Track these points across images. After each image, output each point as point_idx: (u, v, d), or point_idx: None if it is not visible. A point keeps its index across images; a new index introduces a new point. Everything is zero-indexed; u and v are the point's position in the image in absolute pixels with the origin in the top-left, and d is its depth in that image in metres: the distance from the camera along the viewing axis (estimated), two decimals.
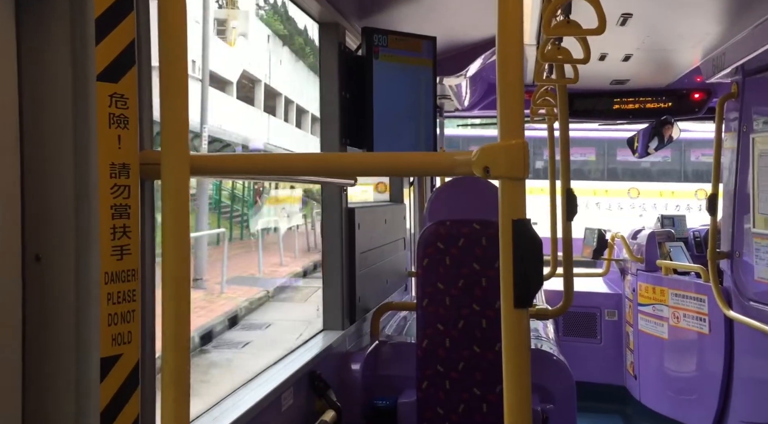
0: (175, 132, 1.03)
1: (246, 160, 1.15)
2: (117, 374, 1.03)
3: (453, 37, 3.39)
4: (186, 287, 1.03)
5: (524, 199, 1.01)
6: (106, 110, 1.02)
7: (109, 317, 1.02)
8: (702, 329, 4.11)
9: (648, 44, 3.36)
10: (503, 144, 0.98)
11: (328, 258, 2.63)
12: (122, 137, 1.04)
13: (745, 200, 3.64)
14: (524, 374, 1.01)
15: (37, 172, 1.02)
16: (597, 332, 5.23)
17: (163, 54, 1.03)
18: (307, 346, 2.41)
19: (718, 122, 3.83)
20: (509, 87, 0.98)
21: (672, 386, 4.47)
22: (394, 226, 3.62)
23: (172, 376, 1.02)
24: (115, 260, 1.03)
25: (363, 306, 2.87)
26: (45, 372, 1.02)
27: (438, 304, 2.48)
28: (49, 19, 1.02)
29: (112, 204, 1.03)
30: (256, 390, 1.87)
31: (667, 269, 4.52)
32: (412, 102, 2.92)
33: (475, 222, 2.48)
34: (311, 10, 2.52)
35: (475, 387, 2.44)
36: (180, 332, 1.02)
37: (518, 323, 1.01)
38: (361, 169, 1.11)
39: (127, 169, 1.05)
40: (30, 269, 1.01)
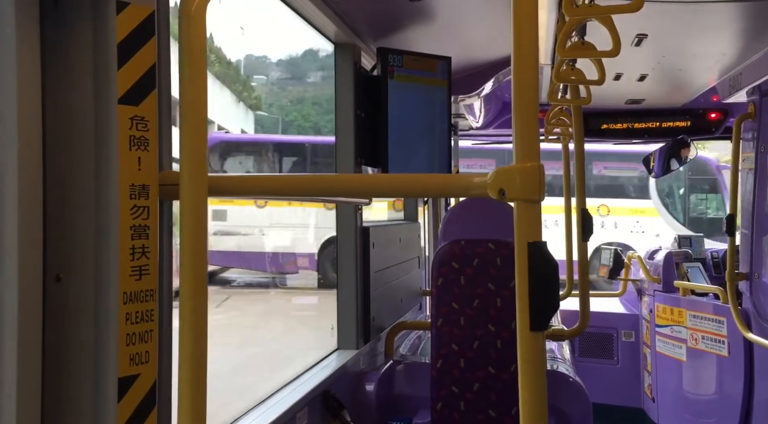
0: (194, 153, 1.05)
1: (264, 181, 1.17)
2: (134, 393, 1.04)
3: (468, 57, 3.42)
4: (204, 307, 1.04)
5: (540, 222, 1.01)
6: (127, 133, 1.04)
7: (127, 337, 1.03)
8: (721, 352, 4.05)
9: (663, 64, 3.36)
10: (519, 166, 0.99)
11: (343, 277, 2.63)
12: (142, 159, 1.06)
13: (763, 220, 3.61)
14: (541, 398, 1.00)
15: (59, 193, 1.04)
16: (614, 353, 5.17)
17: (183, 77, 1.04)
18: (321, 365, 2.41)
19: (735, 142, 3.80)
20: (524, 110, 0.99)
21: (691, 409, 4.39)
22: (408, 245, 3.62)
23: (188, 396, 1.03)
24: (134, 280, 1.04)
25: (377, 325, 2.86)
26: (64, 391, 1.03)
27: (453, 324, 2.47)
28: (73, 44, 1.05)
29: (132, 225, 1.04)
30: (270, 411, 1.87)
31: (684, 290, 4.47)
32: (426, 121, 2.93)
33: (489, 242, 2.48)
34: (327, 31, 2.55)
35: (490, 409, 2.42)
36: (197, 352, 1.03)
37: (534, 346, 1.00)
38: (377, 190, 1.12)
39: (146, 191, 1.07)
40: (51, 289, 1.03)
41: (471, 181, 1.09)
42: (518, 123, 0.99)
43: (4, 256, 0.97)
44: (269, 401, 1.97)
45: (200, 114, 1.05)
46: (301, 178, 1.15)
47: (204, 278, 1.05)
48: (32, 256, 0.99)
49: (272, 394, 2.05)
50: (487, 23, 3.05)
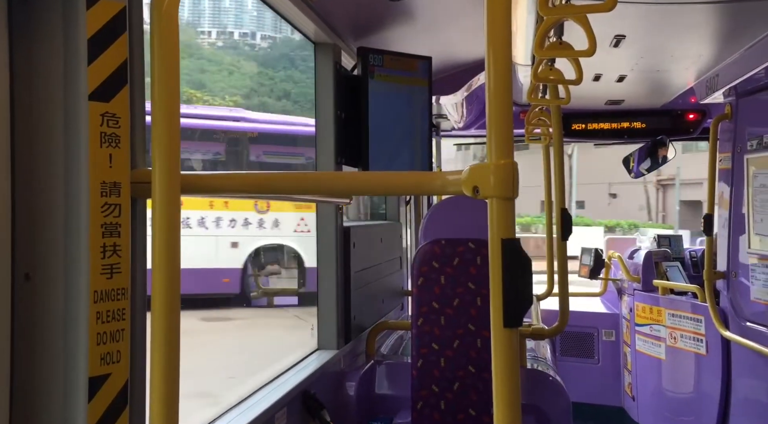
0: (166, 151, 1.04)
1: (238, 179, 1.16)
2: (105, 393, 1.02)
3: (448, 57, 3.42)
4: (176, 307, 1.03)
5: (513, 219, 1.01)
6: (98, 129, 1.03)
7: (98, 336, 1.02)
8: (699, 350, 4.10)
9: (642, 65, 3.39)
10: (493, 164, 0.99)
11: (323, 277, 2.62)
12: (114, 156, 1.05)
13: (740, 220, 3.65)
14: (514, 395, 1.00)
15: (28, 191, 1.03)
16: (594, 352, 5.21)
17: (155, 73, 1.03)
18: (301, 365, 2.40)
19: (713, 143, 3.85)
20: (498, 107, 0.99)
21: (670, 408, 4.44)
22: (390, 244, 3.62)
23: (161, 395, 1.02)
24: (105, 278, 1.03)
25: (358, 325, 2.86)
26: (33, 391, 1.01)
27: (433, 324, 2.47)
28: (42, 38, 1.03)
29: (103, 223, 1.03)
30: (248, 411, 1.86)
31: (663, 289, 4.51)
32: (407, 121, 2.93)
33: (470, 241, 2.48)
34: (307, 30, 2.54)
35: (470, 408, 2.42)
36: (169, 352, 1.02)
37: (507, 343, 1.00)
38: (354, 188, 1.11)
39: (118, 188, 1.05)
40: (19, 288, 1.01)
41: (446, 179, 1.09)
42: (492, 120, 0.99)
43: None
44: (247, 402, 1.95)
45: (173, 111, 1.04)
46: (277, 176, 1.15)
47: (177, 277, 1.04)
48: (0, 254, 0.98)
49: (251, 394, 2.03)
50: (468, 23, 3.06)
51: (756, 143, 3.52)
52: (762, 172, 3.45)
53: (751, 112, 3.60)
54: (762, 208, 3.43)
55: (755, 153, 3.53)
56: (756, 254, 3.50)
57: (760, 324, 3.48)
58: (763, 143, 3.44)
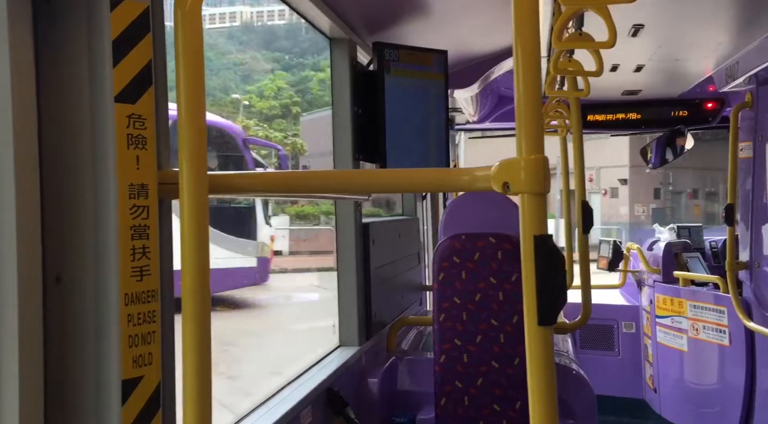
0: (193, 151, 1.03)
1: (264, 179, 1.15)
2: (138, 396, 1.02)
3: (463, 50, 3.40)
4: (206, 307, 1.03)
5: (545, 215, 1.00)
6: (125, 131, 1.02)
7: (129, 339, 1.02)
8: (722, 341, 4.05)
9: (660, 55, 3.34)
10: (523, 159, 0.97)
11: (343, 274, 2.62)
12: (140, 158, 1.04)
13: (762, 210, 3.60)
14: (550, 392, 0.99)
15: (57, 194, 1.03)
16: (614, 344, 5.17)
17: (180, 73, 1.03)
18: (324, 362, 2.40)
19: (733, 132, 3.80)
20: (528, 102, 0.97)
21: (693, 399, 4.40)
22: (407, 240, 3.61)
23: (193, 397, 1.01)
24: (135, 281, 1.03)
25: (379, 321, 2.85)
26: (66, 395, 1.01)
27: (455, 319, 2.46)
28: (67, 41, 1.03)
29: (132, 225, 1.03)
30: (274, 409, 1.86)
31: (684, 280, 4.47)
32: (424, 116, 2.91)
33: (490, 235, 2.47)
34: (322, 26, 2.53)
35: (495, 403, 2.41)
36: (201, 353, 1.01)
37: (542, 341, 0.99)
38: (382, 185, 1.10)
39: (145, 190, 1.05)
40: (50, 291, 1.01)
41: (474, 175, 1.07)
42: (522, 115, 0.97)
43: (3, 258, 0.95)
44: (273, 400, 1.95)
45: (198, 111, 1.04)
46: (305, 174, 1.14)
47: (206, 277, 1.03)
48: (31, 257, 0.98)
49: (276, 392, 2.03)
50: (483, 16, 3.04)
51: None
52: None
53: None
54: None
55: None
56: None
57: None
58: None
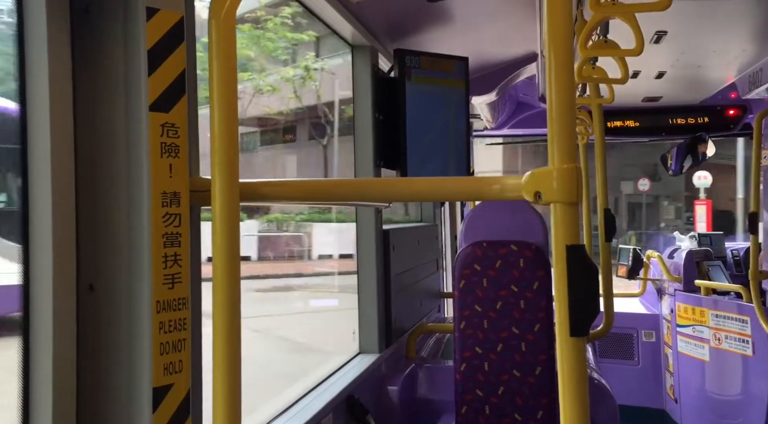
0: (225, 158, 1.04)
1: (293, 187, 1.15)
2: (169, 403, 1.03)
3: (484, 57, 3.39)
4: (237, 315, 1.03)
5: (578, 224, 0.99)
6: (158, 140, 1.03)
7: (161, 346, 1.02)
8: (745, 351, 3.99)
9: (682, 61, 3.32)
10: (556, 168, 0.97)
11: (363, 280, 2.62)
12: (173, 166, 1.05)
13: None
14: (583, 404, 0.98)
15: (92, 202, 1.04)
16: (634, 353, 5.12)
17: (213, 82, 1.03)
18: (345, 370, 2.39)
19: (757, 139, 3.75)
20: (560, 111, 0.97)
21: (715, 410, 4.33)
22: (427, 247, 3.60)
23: (223, 405, 1.01)
24: (167, 288, 1.03)
25: (399, 328, 2.85)
26: (98, 402, 1.02)
27: (476, 327, 2.45)
28: (103, 51, 1.04)
29: (164, 233, 1.03)
30: (295, 418, 1.86)
31: (706, 289, 4.41)
32: (445, 123, 2.91)
33: (512, 243, 2.45)
34: (344, 33, 2.54)
35: (516, 413, 2.39)
36: (231, 360, 1.01)
37: (575, 352, 0.98)
38: (411, 194, 1.10)
39: (178, 198, 1.06)
40: (84, 299, 1.02)
41: (504, 184, 1.07)
42: (554, 123, 0.97)
43: (38, 265, 0.96)
44: (294, 408, 1.95)
45: (231, 119, 1.04)
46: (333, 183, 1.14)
47: (237, 284, 1.04)
48: (65, 265, 0.99)
49: (297, 400, 2.03)
50: (504, 22, 3.03)
51: None
52: None
53: None
54: None
55: None
56: None
57: None
58: None
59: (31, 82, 0.98)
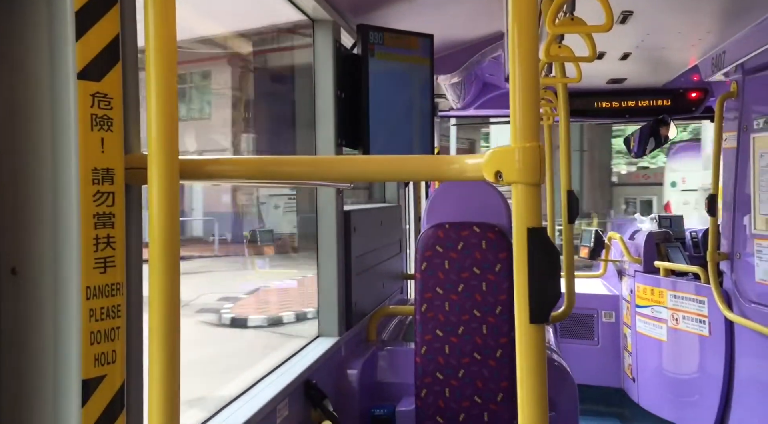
0: (164, 134, 0.96)
1: (241, 164, 1.08)
2: (100, 396, 0.95)
3: (450, 35, 3.33)
4: (176, 302, 0.96)
5: (540, 206, 0.94)
6: (88, 111, 0.94)
7: (91, 335, 0.94)
8: (702, 331, 4.06)
9: (648, 42, 3.30)
10: (517, 147, 0.91)
11: (323, 262, 2.55)
12: (106, 140, 0.96)
13: (745, 201, 3.60)
14: (541, 392, 0.94)
15: (13, 179, 0.95)
16: (594, 333, 5.18)
17: (150, 49, 0.95)
18: (302, 353, 2.34)
19: (718, 122, 3.78)
20: (524, 88, 0.91)
21: (671, 389, 4.42)
22: (390, 228, 3.55)
23: (160, 397, 0.95)
24: (98, 273, 0.95)
25: (359, 311, 2.80)
26: (22, 395, 0.94)
27: (437, 309, 2.41)
28: (25, 12, 0.94)
29: (95, 213, 0.95)
30: (249, 403, 1.79)
31: (665, 270, 4.47)
32: (408, 101, 2.84)
33: (474, 225, 2.41)
34: (305, 6, 2.44)
35: (476, 396, 2.37)
36: (169, 350, 0.94)
37: (534, 340, 0.94)
38: (367, 173, 1.03)
39: (111, 175, 0.97)
40: (5, 283, 0.94)
41: (465, 164, 1.01)
42: (517, 101, 0.91)
43: None
44: (248, 394, 1.89)
45: (170, 91, 0.96)
46: (284, 160, 1.07)
47: (177, 269, 0.96)
48: None
49: (251, 386, 1.97)
50: (470, 1, 2.97)
51: (763, 122, 3.45)
52: None
53: (758, 90, 3.52)
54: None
55: (762, 132, 3.46)
56: (761, 235, 3.45)
57: (765, 305, 3.44)
58: None
59: None
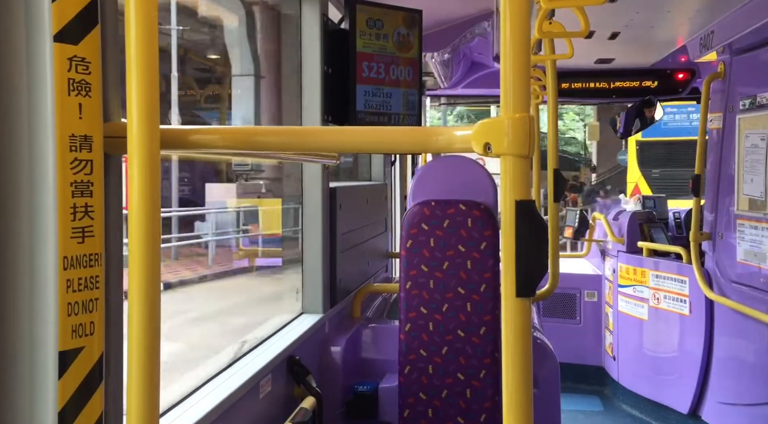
0: (143, 101, 0.93)
1: (223, 134, 1.05)
2: (77, 368, 0.93)
3: (439, 11, 3.29)
4: (156, 274, 0.94)
5: (529, 179, 0.93)
6: (65, 75, 0.91)
7: (68, 307, 0.92)
8: (682, 311, 4.11)
9: (637, 21, 3.29)
10: (507, 118, 0.90)
11: (308, 239, 2.54)
12: (83, 106, 0.93)
13: (728, 181, 3.62)
14: (526, 366, 0.94)
15: None
16: (576, 312, 5.23)
17: (130, 12, 0.92)
18: (286, 330, 2.33)
19: (704, 102, 3.79)
20: (515, 57, 0.89)
21: (651, 367, 4.48)
22: (375, 206, 3.53)
23: (139, 370, 0.93)
24: (76, 243, 0.93)
25: (344, 288, 2.79)
26: None
27: (422, 287, 2.41)
28: None
29: (72, 181, 0.92)
30: (231, 378, 1.78)
31: (648, 250, 4.51)
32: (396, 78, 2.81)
33: (460, 203, 2.40)
34: None
35: (459, 372, 2.38)
36: (148, 322, 0.92)
37: (520, 314, 0.93)
38: (351, 144, 1.01)
39: (89, 142, 0.94)
40: None
41: (453, 135, 1.00)
42: (508, 70, 0.89)
43: None
44: (231, 369, 1.88)
45: (150, 56, 0.93)
46: (267, 130, 1.04)
47: (157, 239, 0.94)
48: None
49: (234, 361, 1.96)
50: None
51: (749, 103, 3.46)
52: (753, 132, 3.40)
53: (745, 71, 3.53)
54: (752, 169, 3.40)
55: (747, 113, 3.47)
56: (744, 215, 3.48)
57: (745, 285, 3.48)
58: (756, 103, 3.38)
59: None
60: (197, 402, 1.61)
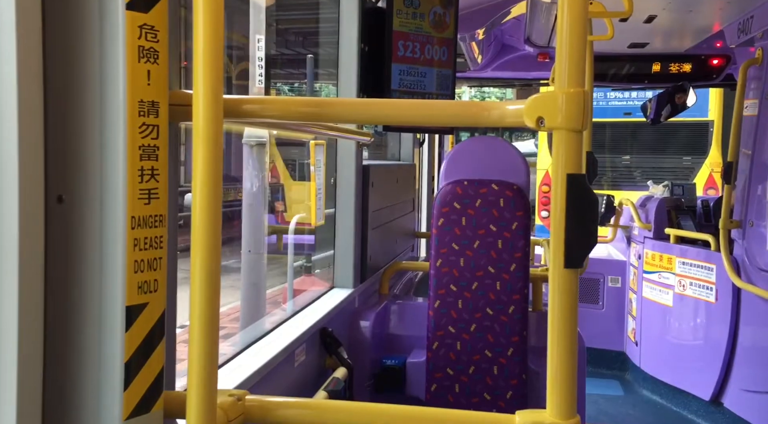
0: (208, 71, 0.96)
1: (282, 104, 1.08)
2: (142, 323, 0.98)
3: None
4: (217, 236, 0.98)
5: (580, 153, 0.95)
6: (136, 42, 0.95)
7: (135, 264, 0.96)
8: (708, 298, 4.10)
9: (674, 4, 3.25)
10: (563, 92, 0.92)
11: (341, 215, 2.58)
12: (152, 73, 0.97)
13: (762, 169, 3.58)
14: (572, 338, 0.97)
15: (61, 108, 0.95)
16: (599, 297, 5.23)
17: None
18: (318, 303, 2.38)
19: (740, 88, 3.74)
20: (572, 30, 0.91)
21: (674, 354, 4.48)
22: (404, 186, 3.56)
23: (200, 328, 0.97)
24: (143, 204, 0.97)
25: (373, 265, 2.83)
26: (67, 319, 0.97)
27: (452, 265, 2.44)
28: None
29: (141, 144, 0.96)
30: (270, 345, 1.84)
31: (675, 237, 4.49)
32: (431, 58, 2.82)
33: (493, 182, 2.42)
34: None
35: (487, 350, 2.41)
36: (209, 282, 0.97)
37: (567, 285, 0.96)
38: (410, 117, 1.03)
39: (156, 108, 0.98)
40: (52, 211, 0.95)
41: (505, 109, 1.02)
42: (564, 43, 0.91)
43: (3, 175, 0.89)
44: (268, 338, 1.94)
45: (216, 29, 0.96)
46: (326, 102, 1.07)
47: (218, 206, 0.98)
48: (32, 174, 0.91)
49: (270, 331, 2.01)
50: None
51: None
52: None
53: None
54: None
55: None
56: None
57: None
58: None
59: None
60: (238, 367, 1.66)
